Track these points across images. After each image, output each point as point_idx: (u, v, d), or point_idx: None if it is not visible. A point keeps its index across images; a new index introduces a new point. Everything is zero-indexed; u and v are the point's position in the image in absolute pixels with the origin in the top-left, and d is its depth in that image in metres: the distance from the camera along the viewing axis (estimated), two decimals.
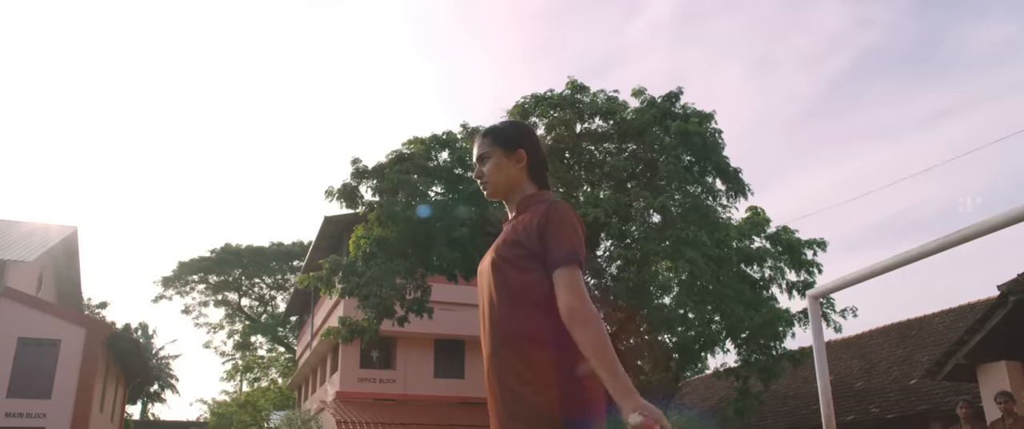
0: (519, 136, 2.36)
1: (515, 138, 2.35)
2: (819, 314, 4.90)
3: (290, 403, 39.18)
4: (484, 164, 2.35)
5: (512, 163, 2.32)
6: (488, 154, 2.35)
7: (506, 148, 2.33)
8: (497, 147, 2.34)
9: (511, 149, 2.32)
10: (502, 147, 2.33)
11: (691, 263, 13.97)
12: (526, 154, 2.32)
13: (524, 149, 2.33)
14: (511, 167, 2.32)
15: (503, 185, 2.33)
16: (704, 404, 23.39)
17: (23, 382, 19.34)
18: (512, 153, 2.32)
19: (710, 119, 16.47)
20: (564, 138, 16.41)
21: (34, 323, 19.88)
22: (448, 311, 23.39)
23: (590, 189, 16.99)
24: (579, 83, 17.06)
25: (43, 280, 24.53)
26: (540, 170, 2.36)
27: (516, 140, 2.34)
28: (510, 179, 2.32)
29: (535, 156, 2.35)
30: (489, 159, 2.34)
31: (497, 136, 2.36)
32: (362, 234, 18.06)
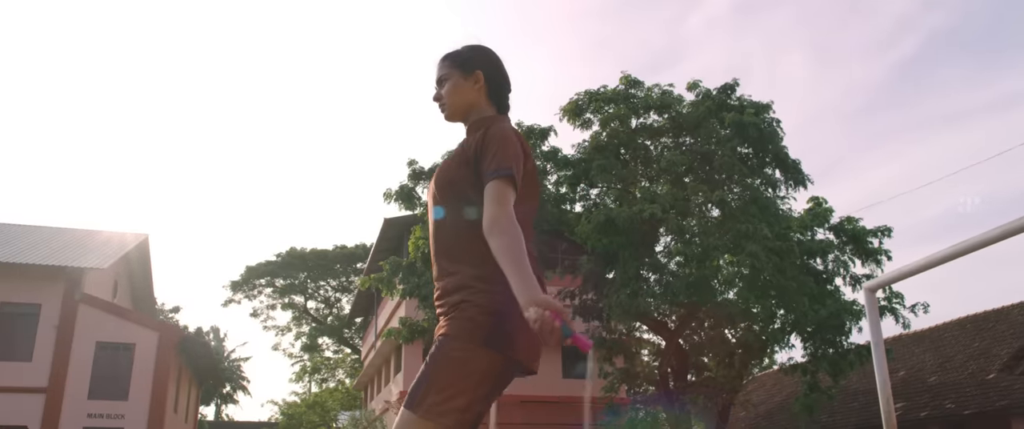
0: (476, 57, 2.34)
1: (472, 59, 2.33)
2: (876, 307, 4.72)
3: (357, 403, 39.82)
4: (442, 87, 2.34)
5: (469, 85, 2.30)
6: (446, 76, 2.34)
7: (463, 69, 2.31)
8: (454, 69, 2.32)
9: (468, 70, 2.31)
10: (459, 69, 2.32)
11: (752, 256, 13.69)
12: (483, 75, 2.31)
13: (481, 70, 2.31)
14: (468, 89, 2.30)
15: (460, 107, 2.32)
16: (772, 400, 22.95)
17: (102, 384, 20.08)
18: (469, 74, 2.30)
19: (767, 109, 16.13)
20: (619, 134, 16.27)
21: (110, 328, 20.63)
22: None
23: (648, 184, 16.81)
24: (633, 78, 16.91)
25: (118, 286, 25.42)
26: (499, 92, 2.35)
27: (473, 61, 2.32)
28: (467, 100, 2.31)
29: (494, 77, 2.33)
30: (447, 81, 2.33)
31: (454, 58, 2.34)
32: (421, 235, 18.23)
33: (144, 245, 26.69)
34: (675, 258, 16.28)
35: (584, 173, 16.87)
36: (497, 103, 2.34)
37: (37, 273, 20.40)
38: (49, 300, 20.29)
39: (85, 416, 19.54)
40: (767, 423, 21.30)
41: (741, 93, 16.85)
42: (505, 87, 2.36)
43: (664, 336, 17.75)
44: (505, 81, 2.37)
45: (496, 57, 2.38)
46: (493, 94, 2.33)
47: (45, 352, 19.82)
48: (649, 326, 17.96)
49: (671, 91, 16.81)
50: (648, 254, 15.79)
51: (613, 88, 16.97)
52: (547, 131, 17.59)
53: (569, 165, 17.41)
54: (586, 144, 17.02)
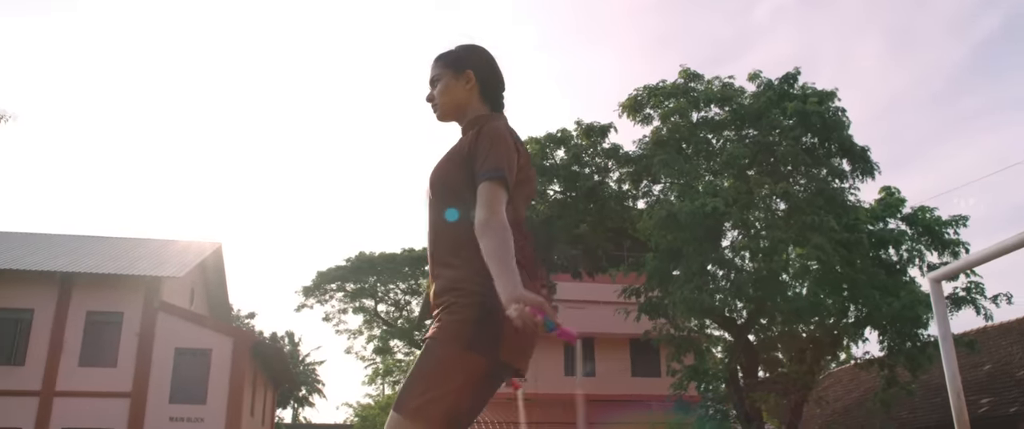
0: (467, 56, 2.33)
1: (463, 58, 2.32)
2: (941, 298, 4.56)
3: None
4: (434, 87, 2.34)
5: (461, 84, 2.29)
6: (438, 76, 2.33)
7: (454, 69, 2.31)
8: (446, 69, 2.32)
9: (459, 70, 2.30)
10: (450, 69, 2.31)
11: (818, 249, 13.35)
12: (474, 74, 2.29)
13: (472, 69, 2.30)
14: (459, 88, 2.29)
15: (451, 106, 2.31)
16: (849, 396, 22.31)
17: (182, 389, 20.77)
18: (460, 74, 2.29)
19: (832, 98, 15.70)
20: (680, 128, 16.06)
21: (188, 334, 21.31)
22: (576, 309, 23.40)
23: (711, 178, 16.56)
24: (693, 71, 16.69)
25: (194, 294, 26.24)
26: (492, 91, 2.33)
27: (464, 60, 2.32)
28: (458, 100, 2.30)
29: (486, 76, 2.31)
30: (439, 82, 2.33)
31: (445, 58, 2.34)
32: None
33: (218, 253, 27.50)
34: (741, 253, 15.99)
35: (645, 169, 16.71)
36: (491, 102, 2.32)
37: (119, 283, 21.22)
38: (131, 308, 21.08)
39: (167, 419, 20.24)
40: (844, 420, 20.72)
41: (806, 82, 16.50)
42: (498, 85, 2.35)
43: (732, 332, 17.45)
44: (498, 79, 2.35)
45: (488, 55, 2.37)
46: (485, 93, 2.31)
47: (128, 358, 20.61)
48: (716, 322, 17.68)
49: (732, 83, 16.54)
50: (713, 249, 15.54)
51: (672, 82, 16.79)
52: (607, 128, 17.49)
53: (630, 161, 17.27)
54: (647, 140, 16.86)
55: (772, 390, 17.18)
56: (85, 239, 26.05)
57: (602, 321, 22.37)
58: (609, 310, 20.20)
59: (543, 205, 17.80)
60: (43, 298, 20.82)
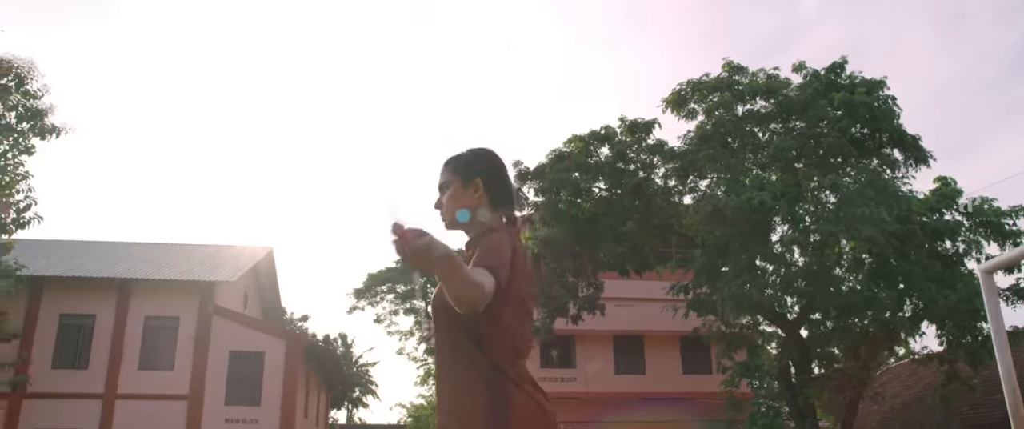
0: (476, 164, 2.33)
1: (471, 166, 2.32)
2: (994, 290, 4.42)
3: None
4: (443, 193, 2.34)
5: (469, 193, 2.29)
6: (446, 183, 2.34)
7: (463, 177, 2.31)
8: (455, 176, 2.32)
9: (467, 179, 2.30)
10: (459, 176, 2.31)
11: (869, 241, 13.05)
12: (482, 183, 2.28)
13: (480, 178, 2.29)
14: (467, 197, 2.29)
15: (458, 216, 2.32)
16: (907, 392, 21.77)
17: (236, 391, 21.17)
18: (468, 183, 2.29)
19: (880, 86, 15.33)
20: (725, 122, 15.84)
21: (242, 337, 21.72)
22: (624, 307, 23.26)
23: (759, 172, 16.31)
24: (736, 64, 16.46)
25: (248, 298, 26.75)
26: (502, 198, 2.32)
27: (472, 168, 2.31)
28: (466, 209, 2.29)
29: (493, 184, 2.30)
30: (447, 188, 2.33)
31: (455, 165, 2.35)
32: (528, 235, 18.33)
33: (270, 257, 27.98)
34: (790, 247, 15.72)
35: (691, 165, 16.54)
36: (497, 210, 2.31)
37: (175, 288, 21.73)
38: (186, 312, 21.57)
39: (223, 421, 20.66)
40: (902, 416, 20.23)
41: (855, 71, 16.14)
42: (506, 192, 2.34)
43: (783, 328, 17.17)
44: (505, 187, 2.35)
45: (497, 162, 2.37)
46: (494, 201, 2.30)
47: (185, 361, 21.10)
48: (767, 318, 17.42)
49: (777, 75, 16.27)
50: (761, 244, 15.30)
51: (716, 76, 16.58)
52: (651, 124, 17.35)
53: (675, 157, 17.10)
54: (691, 135, 16.68)
55: (826, 386, 16.86)
56: (142, 246, 26.74)
57: (652, 319, 22.20)
58: (658, 307, 20.05)
59: (588, 203, 17.72)
60: (103, 304, 21.42)
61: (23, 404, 20.22)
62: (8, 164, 19.47)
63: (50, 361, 20.82)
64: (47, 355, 20.85)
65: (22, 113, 19.88)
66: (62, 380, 20.58)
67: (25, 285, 19.95)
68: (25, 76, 19.86)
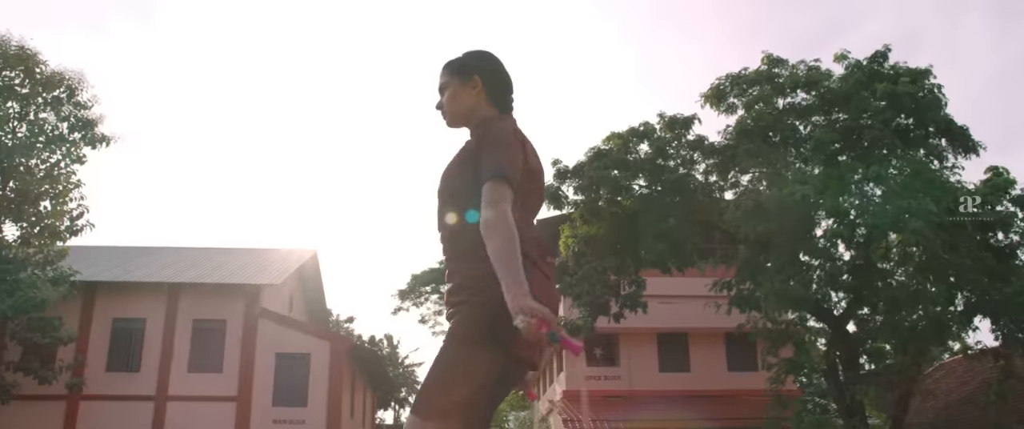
0: (473, 62, 2.36)
1: (469, 64, 2.35)
2: None
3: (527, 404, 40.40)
4: (442, 94, 2.37)
5: (468, 90, 2.32)
6: (445, 84, 2.37)
7: (461, 76, 2.34)
8: (453, 76, 2.35)
9: (466, 76, 2.33)
10: (457, 75, 2.34)
11: (916, 234, 12.75)
12: (481, 79, 2.31)
13: (479, 75, 2.32)
14: (467, 94, 2.32)
15: (460, 113, 2.34)
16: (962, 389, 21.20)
17: (283, 392, 21.48)
18: (467, 80, 2.32)
19: (926, 76, 14.96)
20: (764, 115, 15.61)
21: (287, 339, 22.02)
22: (668, 304, 23.04)
23: (802, 165, 16.03)
24: (776, 57, 16.22)
25: (293, 300, 27.12)
26: (500, 94, 2.35)
27: (470, 66, 2.35)
28: (466, 106, 2.33)
29: (492, 80, 2.33)
30: (446, 89, 2.36)
31: (452, 65, 2.37)
32: (569, 234, 18.28)
33: (314, 260, 28.36)
34: (834, 241, 15.45)
35: (731, 159, 16.34)
36: (499, 105, 2.34)
37: (222, 291, 22.11)
38: (233, 315, 21.94)
39: (271, 422, 20.97)
40: (956, 413, 19.69)
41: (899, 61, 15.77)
42: (505, 88, 2.36)
43: (830, 323, 16.87)
44: (504, 82, 2.37)
45: (494, 60, 2.39)
46: (493, 96, 2.33)
47: (232, 363, 21.46)
48: (812, 313, 17.13)
49: (818, 67, 15.99)
50: (804, 238, 15.05)
51: (756, 69, 16.35)
52: (690, 120, 17.18)
53: (715, 152, 16.91)
54: (730, 129, 16.48)
55: (875, 383, 16.52)
56: (190, 251, 27.28)
57: (696, 316, 21.96)
58: (702, 304, 19.84)
59: (628, 200, 17.61)
60: (154, 308, 21.90)
61: (80, 405, 20.80)
62: (61, 173, 20.03)
63: (104, 364, 21.36)
64: (101, 358, 21.40)
65: (74, 123, 20.43)
66: (116, 382, 21.11)
67: (79, 290, 20.52)
68: (76, 87, 20.41)
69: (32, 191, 19.12)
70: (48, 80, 19.90)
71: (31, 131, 19.64)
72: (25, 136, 19.47)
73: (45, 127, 19.90)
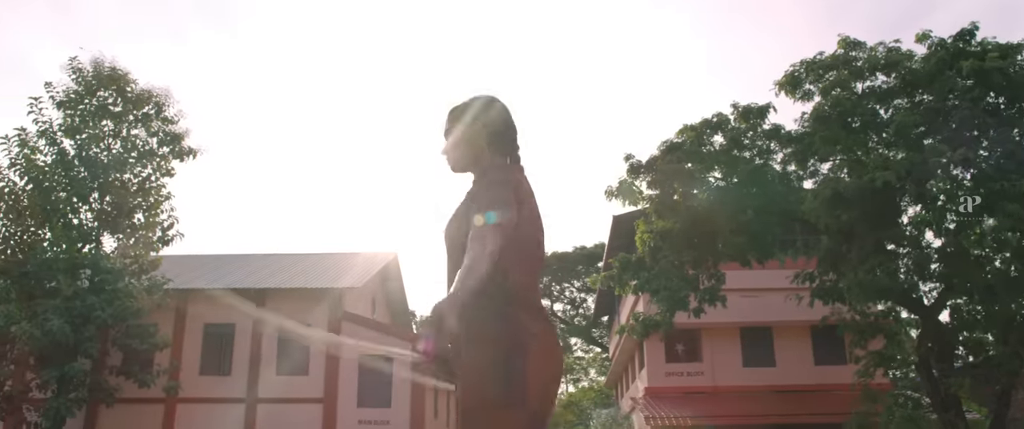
0: (478, 109, 2.36)
1: (473, 111, 2.35)
2: None
3: (611, 401, 40.20)
4: (447, 140, 2.39)
5: (471, 137, 2.33)
6: (449, 130, 2.38)
7: (465, 123, 2.34)
8: (457, 122, 2.35)
9: (470, 123, 2.33)
10: (461, 122, 2.35)
11: (1011, 217, 12.11)
12: (485, 127, 2.31)
13: (483, 122, 2.32)
14: (470, 141, 2.33)
15: (462, 160, 2.36)
16: None
17: (368, 393, 21.96)
18: (471, 127, 2.33)
19: (1018, 51, 14.13)
20: (842, 101, 15.05)
21: (370, 341, 22.47)
22: (750, 298, 22.58)
23: (884, 150, 15.44)
24: (852, 40, 15.62)
25: (376, 302, 27.67)
26: (503, 141, 2.33)
27: (475, 113, 2.35)
28: (468, 153, 2.33)
29: (495, 128, 2.32)
30: (450, 135, 2.37)
31: (456, 111, 2.38)
32: (644, 229, 18.06)
33: (395, 262, 28.87)
34: (922, 228, 14.82)
35: (809, 148, 15.85)
36: (503, 151, 2.34)
37: (306, 295, 22.75)
38: (317, 319, 22.53)
39: (356, 422, 21.47)
40: None
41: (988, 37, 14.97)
42: (508, 135, 2.36)
43: (920, 314, 16.20)
44: (507, 129, 2.36)
45: (499, 106, 2.38)
46: (496, 143, 2.33)
47: (318, 366, 22.06)
48: (901, 304, 16.48)
49: (898, 48, 15.32)
50: (889, 226, 14.47)
51: (831, 54, 15.80)
52: (765, 109, 16.74)
53: (792, 141, 16.45)
54: (807, 117, 15.99)
55: (972, 376, 15.78)
56: (275, 257, 28.15)
57: (779, 308, 21.39)
58: (784, 297, 19.34)
59: (704, 194, 17.30)
60: (242, 313, 22.69)
61: (177, 408, 21.73)
62: (152, 187, 20.97)
63: (198, 368, 22.26)
64: (195, 362, 22.31)
65: (162, 138, 21.36)
66: (209, 385, 21.97)
67: (172, 298, 21.44)
68: (163, 103, 21.33)
69: (127, 204, 20.06)
70: (138, 98, 20.86)
71: (124, 147, 20.63)
72: (119, 152, 20.46)
73: (136, 143, 20.87)
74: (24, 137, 19.34)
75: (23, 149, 19.21)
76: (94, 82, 20.46)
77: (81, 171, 19.76)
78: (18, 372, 19.39)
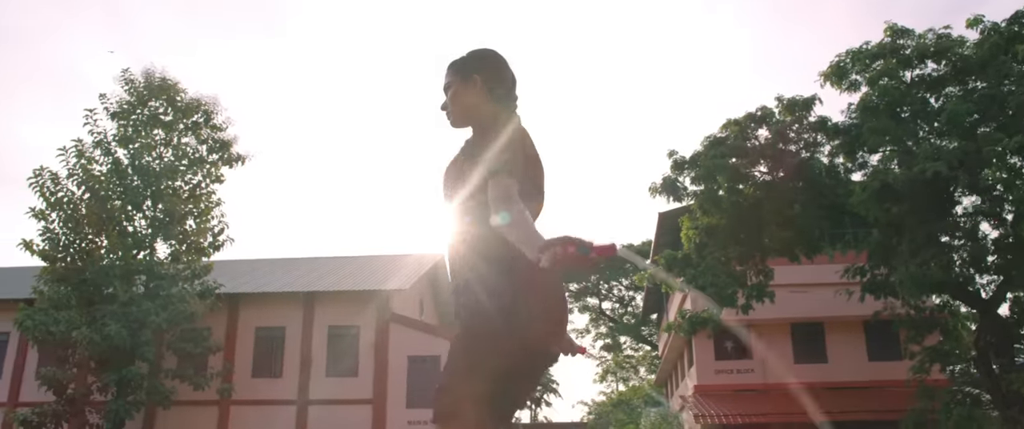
0: (473, 62, 2.36)
1: (470, 63, 2.36)
2: None
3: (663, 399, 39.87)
4: (446, 94, 2.38)
5: (469, 89, 2.32)
6: (449, 84, 2.37)
7: (462, 75, 2.34)
8: (455, 76, 2.35)
9: (466, 76, 2.33)
10: (459, 75, 2.34)
11: None
12: (482, 78, 2.31)
13: (478, 73, 2.32)
14: (468, 93, 2.32)
15: (462, 112, 2.35)
16: None
17: (417, 394, 22.09)
18: (467, 79, 2.32)
19: None
20: (890, 90, 14.68)
21: (418, 342, 22.64)
22: (801, 293, 22.19)
23: (936, 140, 15.02)
24: (900, 27, 15.23)
25: (424, 304, 27.84)
26: (503, 92, 2.33)
27: (471, 66, 2.35)
28: (467, 105, 2.33)
29: (492, 79, 2.32)
30: (450, 89, 2.36)
31: (454, 66, 2.38)
32: (689, 225, 17.87)
33: (442, 264, 28.98)
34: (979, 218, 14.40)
35: (856, 139, 15.51)
36: (501, 102, 2.34)
37: (355, 298, 22.99)
38: (366, 321, 22.79)
39: (405, 423, 21.62)
40: None
41: None
42: (507, 85, 2.36)
43: (978, 308, 15.73)
44: (506, 80, 2.36)
45: (495, 57, 2.39)
46: (495, 94, 2.33)
47: (367, 367, 22.29)
48: (956, 297, 16.03)
49: (948, 34, 14.89)
50: (941, 218, 14.08)
51: (878, 42, 15.43)
52: (811, 101, 16.44)
53: (839, 133, 16.12)
54: (855, 107, 15.65)
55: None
56: (323, 260, 28.51)
57: (830, 304, 20.99)
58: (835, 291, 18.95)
59: (750, 188, 17.05)
60: (292, 316, 23.06)
61: (231, 410, 22.16)
62: (203, 193, 21.45)
63: (250, 371, 22.66)
64: (247, 365, 22.71)
65: (212, 145, 21.84)
66: (261, 388, 22.35)
67: (224, 302, 21.89)
68: (211, 112, 21.80)
69: (178, 211, 20.55)
70: (187, 106, 21.37)
71: (175, 155, 21.15)
72: (170, 160, 20.98)
73: (187, 150, 21.38)
74: (81, 148, 19.96)
75: (80, 160, 19.82)
76: (145, 93, 21.02)
77: (134, 180, 20.29)
78: (80, 375, 19.99)
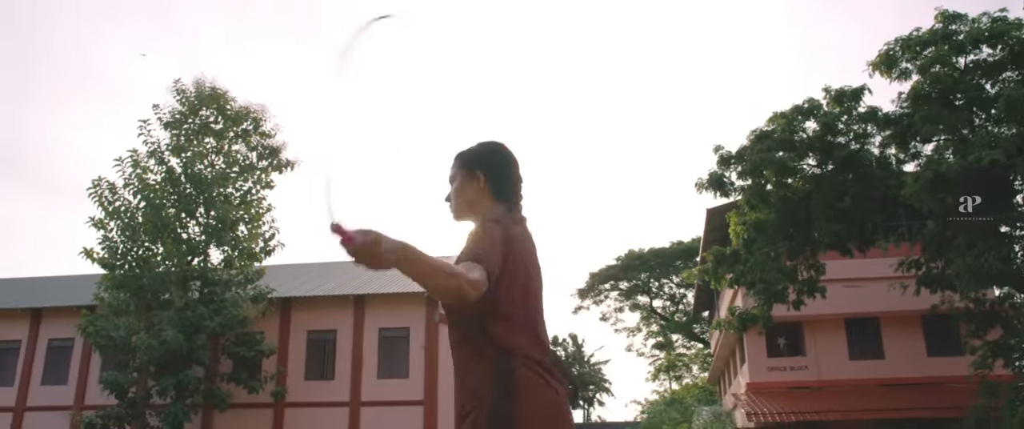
0: (479, 157, 2.36)
1: (474, 159, 2.36)
2: None
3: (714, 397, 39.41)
4: (452, 185, 2.40)
5: (471, 185, 2.33)
6: (454, 176, 2.39)
7: (467, 169, 2.35)
8: (461, 169, 2.37)
9: (471, 170, 2.34)
10: (464, 168, 2.36)
11: None
12: (485, 174, 2.31)
13: (482, 170, 2.31)
14: (470, 189, 2.33)
15: (463, 207, 2.36)
16: None
17: None
18: (472, 174, 2.33)
19: None
20: (943, 78, 14.28)
21: None
22: (855, 288, 21.76)
23: (992, 127, 14.57)
24: (951, 12, 14.80)
25: None
26: (505, 189, 2.32)
27: (476, 161, 2.35)
28: (468, 200, 2.34)
29: (496, 176, 2.32)
30: (454, 181, 2.38)
31: (460, 158, 2.39)
32: (738, 221, 17.64)
33: None
34: None
35: (908, 129, 15.13)
36: (504, 199, 2.33)
37: (405, 300, 23.17)
38: (415, 323, 22.96)
39: None
40: None
41: None
42: (510, 183, 2.35)
43: None
44: (509, 178, 2.35)
45: (501, 155, 2.38)
46: (498, 191, 2.33)
47: (418, 369, 22.45)
48: (1020, 290, 15.53)
49: (1004, 17, 14.43)
50: (999, 208, 13.66)
51: (929, 29, 15.02)
52: (859, 91, 16.08)
53: (890, 123, 15.74)
54: (906, 96, 15.26)
55: None
56: None
57: (886, 298, 20.45)
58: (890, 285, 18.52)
59: (798, 182, 16.76)
60: (342, 319, 23.33)
61: (285, 412, 22.53)
62: (253, 199, 21.85)
63: (303, 374, 23.00)
64: (300, 368, 23.06)
65: (261, 152, 22.23)
66: (314, 390, 22.67)
67: (276, 306, 22.26)
68: (260, 119, 22.19)
69: (230, 217, 20.96)
70: (237, 114, 21.78)
71: (226, 163, 21.59)
72: (221, 168, 21.41)
73: (237, 158, 21.80)
74: (136, 158, 20.50)
75: (136, 169, 20.36)
76: (196, 102, 21.50)
77: (187, 187, 20.77)
78: (140, 380, 20.53)
